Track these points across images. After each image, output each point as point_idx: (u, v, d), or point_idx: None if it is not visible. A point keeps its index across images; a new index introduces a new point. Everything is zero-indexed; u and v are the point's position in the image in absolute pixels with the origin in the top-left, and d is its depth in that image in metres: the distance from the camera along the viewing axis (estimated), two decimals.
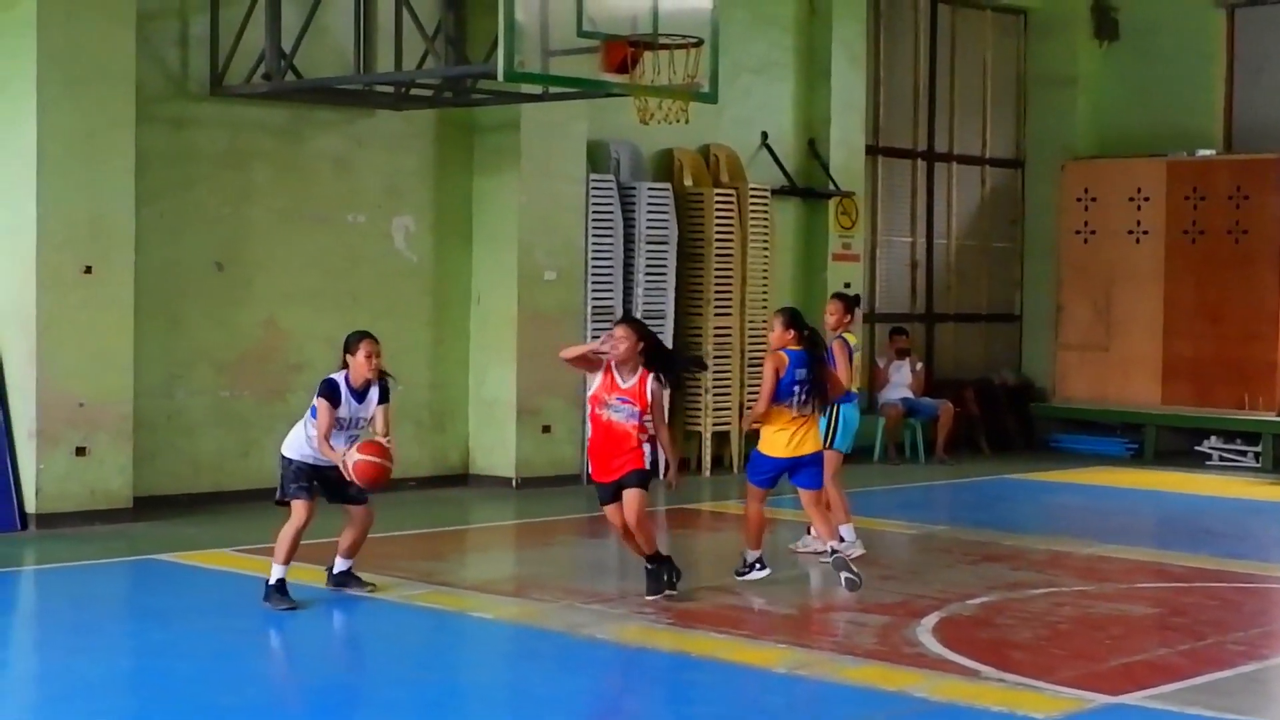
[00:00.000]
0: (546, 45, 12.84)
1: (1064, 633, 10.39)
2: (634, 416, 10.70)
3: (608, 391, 10.78)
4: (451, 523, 14.69)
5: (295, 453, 10.72)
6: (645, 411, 10.72)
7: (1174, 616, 11.03)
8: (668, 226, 17.44)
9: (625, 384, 10.77)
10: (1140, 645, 10.16)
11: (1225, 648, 9.96)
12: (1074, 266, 21.47)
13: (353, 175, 15.73)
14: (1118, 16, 22.14)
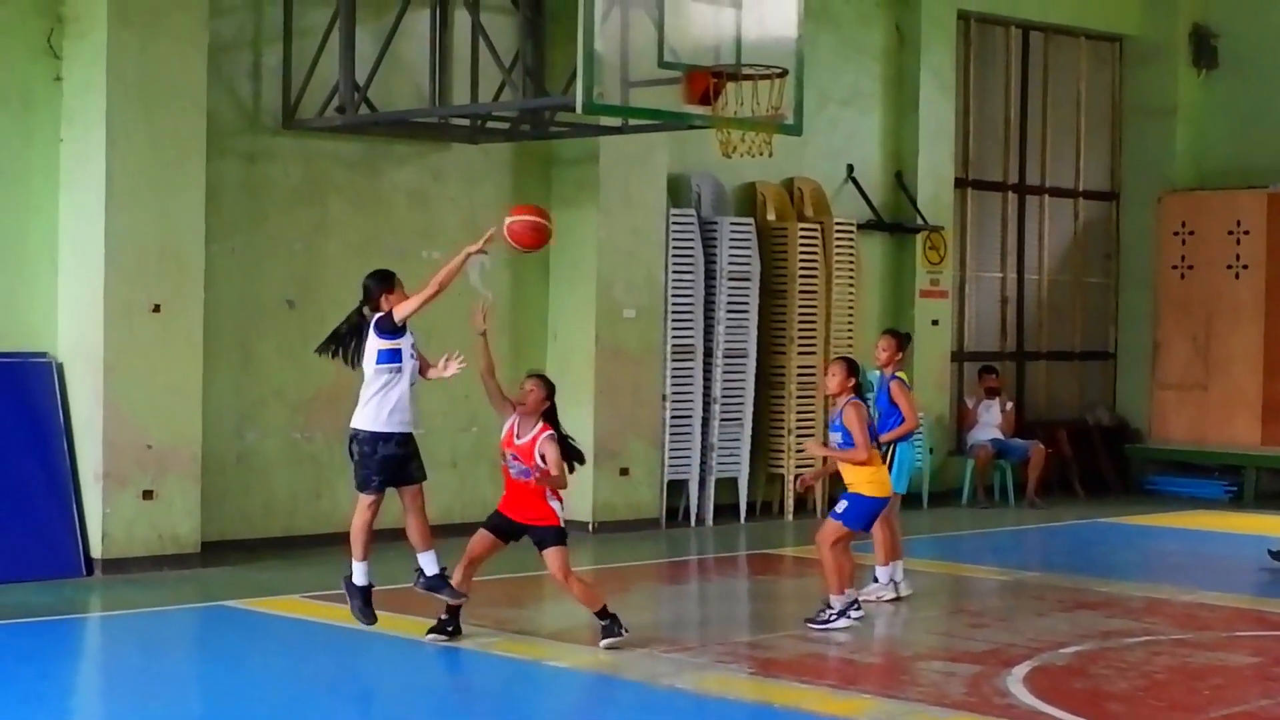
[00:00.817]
0: (626, 76, 12.89)
1: (1161, 683, 10.31)
2: (525, 474, 10.79)
3: (506, 445, 10.93)
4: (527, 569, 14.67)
5: (378, 425, 10.66)
6: (534, 469, 10.76)
7: (1275, 666, 10.93)
8: (750, 262, 17.45)
9: (520, 439, 10.89)
10: (1240, 696, 10.06)
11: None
12: (1171, 302, 21.37)
13: (428, 210, 15.83)
14: (1217, 44, 22.04)
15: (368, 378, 10.73)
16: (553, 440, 10.85)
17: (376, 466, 10.64)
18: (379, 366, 10.67)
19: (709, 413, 17.27)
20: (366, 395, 10.71)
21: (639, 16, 12.91)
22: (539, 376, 11.21)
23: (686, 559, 15.89)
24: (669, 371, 16.88)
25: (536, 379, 11.12)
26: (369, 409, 10.69)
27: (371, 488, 10.69)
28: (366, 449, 10.67)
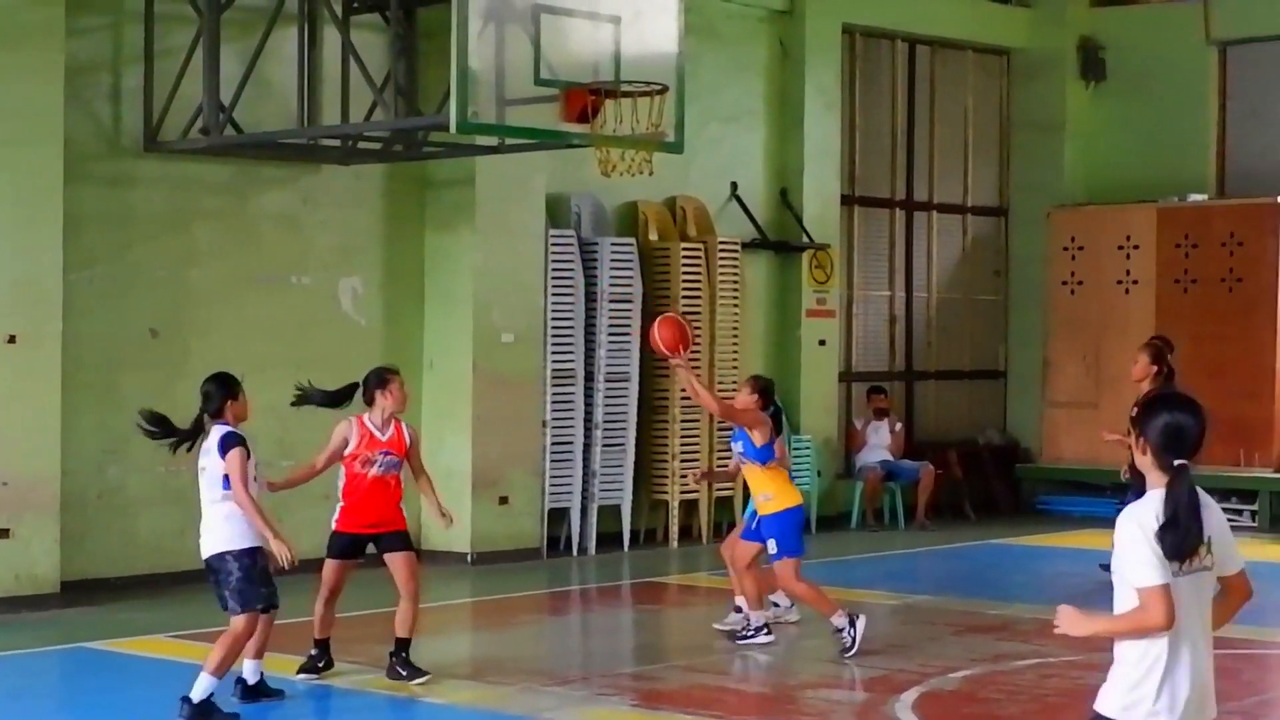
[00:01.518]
0: (502, 94, 12.89)
1: (1053, 706, 10.44)
2: (396, 466, 11.02)
3: (370, 449, 10.98)
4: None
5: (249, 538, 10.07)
6: (404, 457, 11.05)
7: None
8: (632, 283, 17.48)
9: (384, 437, 11.03)
10: None
11: (1220, 718, 9.99)
12: (1061, 319, 21.54)
13: (299, 235, 15.78)
14: (1105, 56, 22.31)
15: (216, 499, 10.05)
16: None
17: (263, 578, 10.15)
18: (225, 491, 10.01)
19: (591, 439, 17.30)
20: (219, 515, 10.05)
21: (514, 33, 12.91)
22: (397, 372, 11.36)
23: (568, 589, 15.91)
24: (549, 397, 16.88)
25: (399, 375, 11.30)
26: (232, 526, 10.03)
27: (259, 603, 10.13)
28: (247, 562, 10.06)
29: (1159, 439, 5.42)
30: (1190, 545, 5.34)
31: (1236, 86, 21.74)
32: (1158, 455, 5.43)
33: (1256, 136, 21.55)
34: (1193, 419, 5.43)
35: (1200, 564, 5.41)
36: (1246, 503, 20.05)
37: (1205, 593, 5.49)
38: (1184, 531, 5.32)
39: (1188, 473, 5.34)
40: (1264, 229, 20.22)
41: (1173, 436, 5.41)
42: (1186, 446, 5.41)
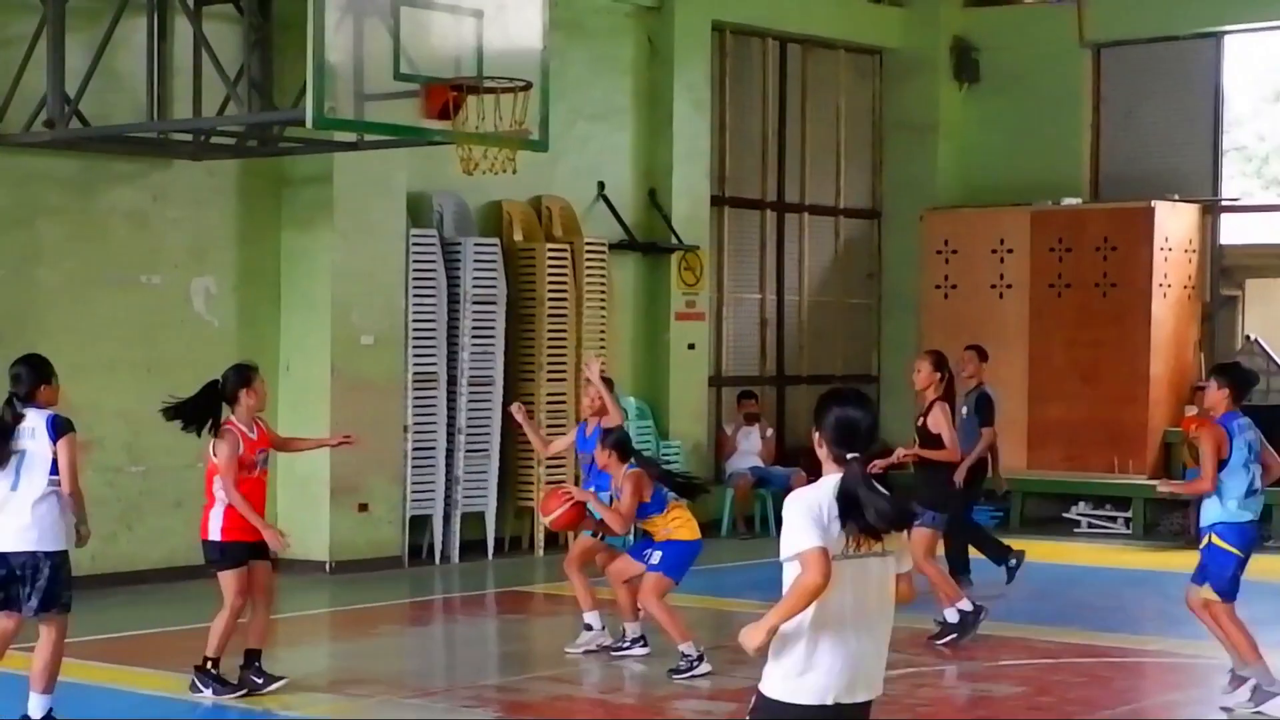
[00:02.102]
0: (361, 89, 12.83)
1: (924, 717, 10.48)
2: (267, 463, 11.04)
3: (250, 451, 10.90)
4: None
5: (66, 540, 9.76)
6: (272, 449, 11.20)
7: (1040, 696, 11.16)
8: (496, 285, 17.43)
9: (254, 435, 10.99)
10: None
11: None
12: (935, 323, 21.62)
13: (150, 232, 15.61)
14: (979, 57, 22.50)
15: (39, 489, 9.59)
16: None
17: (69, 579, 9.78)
18: (54, 478, 9.63)
19: (454, 444, 17.22)
20: (38, 508, 9.55)
21: (374, 26, 12.85)
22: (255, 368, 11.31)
23: (431, 599, 15.85)
24: (410, 401, 16.80)
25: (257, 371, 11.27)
26: (51, 522, 9.59)
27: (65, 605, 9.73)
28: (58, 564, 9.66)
29: (832, 432, 5.90)
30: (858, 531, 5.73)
31: (1110, 89, 21.98)
32: (831, 447, 5.89)
33: (1130, 139, 21.82)
34: (863, 413, 5.92)
35: (870, 551, 5.79)
36: (1121, 509, 20.28)
37: (875, 580, 5.85)
38: (854, 518, 5.71)
39: (858, 464, 5.78)
40: (1137, 233, 20.45)
41: (844, 430, 5.88)
42: (858, 439, 5.86)
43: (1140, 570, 17.38)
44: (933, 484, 13.04)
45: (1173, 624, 14.02)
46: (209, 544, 10.86)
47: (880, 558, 5.83)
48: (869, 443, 5.87)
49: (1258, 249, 21.53)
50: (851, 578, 5.78)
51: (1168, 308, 20.59)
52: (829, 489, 5.80)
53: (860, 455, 5.82)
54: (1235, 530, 10.68)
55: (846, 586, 5.77)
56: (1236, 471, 10.64)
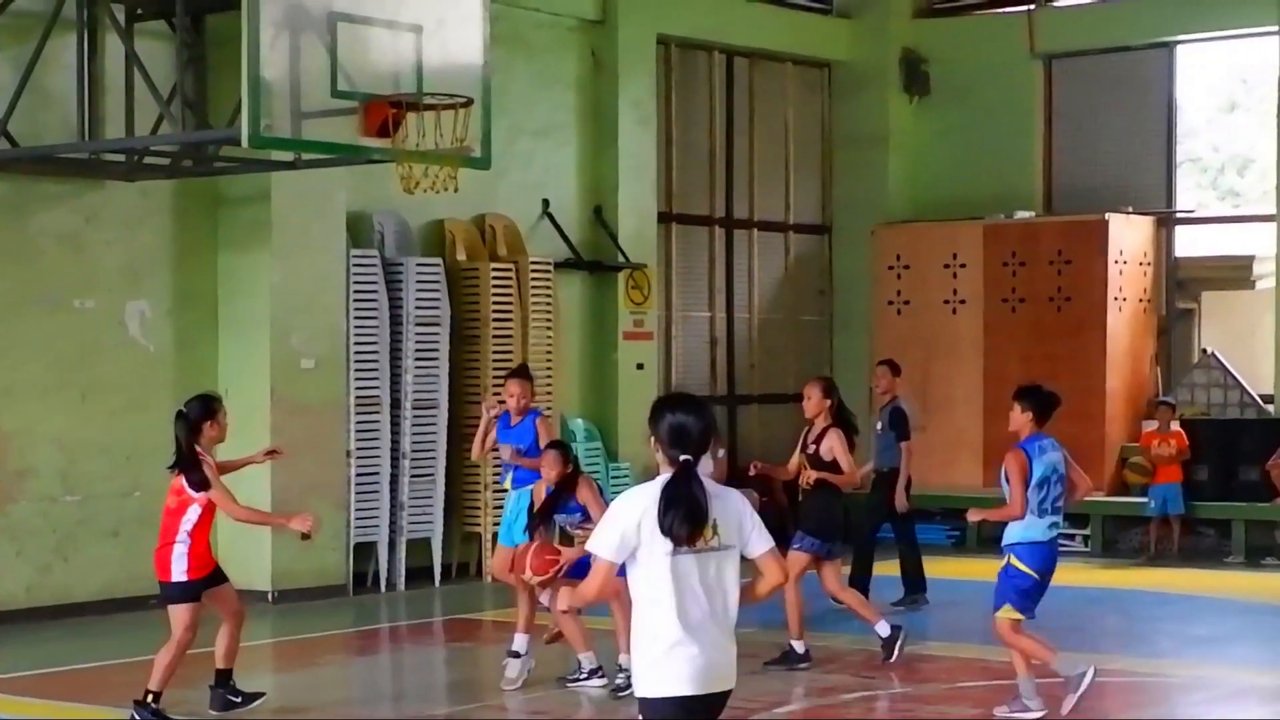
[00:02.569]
0: (298, 106, 12.80)
1: None
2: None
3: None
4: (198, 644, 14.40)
5: None
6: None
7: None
8: (439, 305, 17.37)
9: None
10: None
11: None
12: (888, 340, 21.56)
13: (82, 255, 15.49)
14: (929, 70, 22.56)
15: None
16: None
17: None
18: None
19: (398, 469, 17.14)
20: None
21: (310, 42, 12.83)
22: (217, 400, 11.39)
23: (376, 627, 15.75)
24: (353, 425, 16.73)
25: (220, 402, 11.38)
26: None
27: None
28: None
29: (666, 436, 6.35)
30: (686, 529, 6.18)
31: (1062, 100, 22.08)
32: (665, 449, 6.34)
33: (1083, 151, 21.89)
34: (695, 419, 6.37)
35: (708, 545, 6.26)
36: (1078, 527, 20.26)
37: (717, 572, 6.30)
38: (681, 516, 6.17)
39: (690, 465, 6.25)
40: (1092, 246, 20.50)
41: (677, 434, 6.34)
42: (690, 443, 6.31)
43: (1099, 588, 17.39)
44: (820, 511, 12.94)
45: (1132, 643, 14.07)
46: (172, 585, 10.83)
47: (719, 551, 6.28)
48: (701, 446, 6.33)
49: (1213, 261, 21.63)
50: (688, 571, 6.23)
51: (1123, 321, 20.63)
52: (655, 490, 6.25)
53: (691, 457, 6.28)
54: (1033, 551, 11.07)
55: (686, 580, 6.22)
56: (1034, 493, 11.03)
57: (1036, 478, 11.06)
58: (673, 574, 6.20)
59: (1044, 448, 11.17)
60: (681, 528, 6.17)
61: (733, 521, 6.34)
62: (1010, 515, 11.08)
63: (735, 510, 6.38)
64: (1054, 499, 11.13)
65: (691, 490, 6.21)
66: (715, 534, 6.26)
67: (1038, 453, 11.13)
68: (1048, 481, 11.08)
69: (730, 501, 6.38)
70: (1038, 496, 11.05)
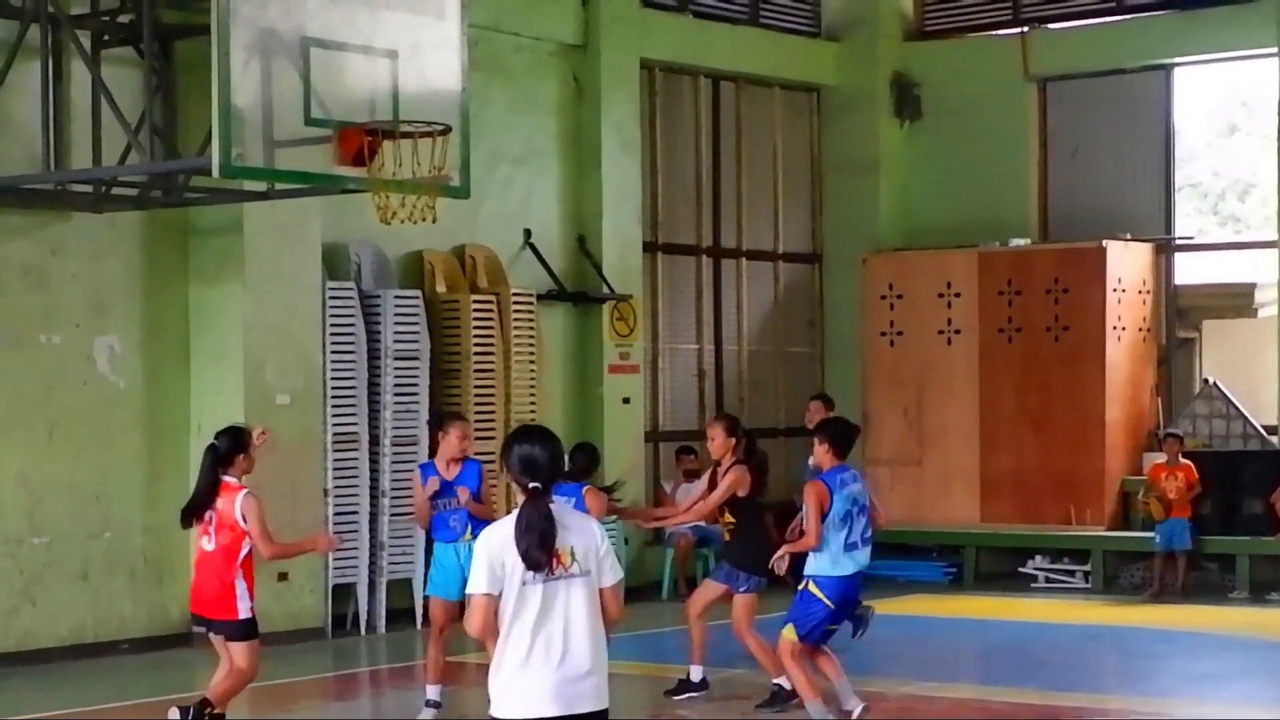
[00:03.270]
0: (270, 135, 12.77)
1: None
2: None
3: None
4: (173, 689, 14.27)
5: None
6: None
7: None
8: (418, 339, 17.32)
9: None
10: None
11: None
12: (880, 371, 21.63)
13: (47, 289, 15.41)
14: (920, 93, 22.56)
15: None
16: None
17: None
18: None
19: (377, 508, 17.04)
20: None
21: (282, 68, 12.80)
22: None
23: (357, 671, 15.66)
24: (330, 463, 16.65)
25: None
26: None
27: None
28: None
29: (517, 466, 6.84)
30: (539, 556, 6.65)
31: (1057, 124, 22.07)
32: (517, 480, 6.83)
33: (1079, 177, 21.88)
34: (543, 450, 6.86)
35: (566, 572, 6.74)
36: (1079, 563, 20.22)
37: (575, 596, 6.76)
38: (535, 541, 6.65)
39: (541, 494, 6.74)
40: (1089, 274, 20.46)
41: (527, 464, 6.82)
42: (540, 472, 6.80)
43: (1100, 626, 17.32)
44: (751, 546, 12.95)
45: (1134, 681, 14.00)
46: (241, 623, 11.05)
47: (578, 577, 6.76)
48: (551, 474, 6.84)
49: (1214, 289, 21.61)
50: (547, 598, 6.71)
51: (1122, 351, 20.58)
52: (512, 520, 6.74)
53: (541, 485, 6.77)
54: (832, 582, 11.62)
55: (542, 606, 6.70)
56: (835, 525, 11.52)
57: (839, 511, 11.50)
58: (531, 599, 6.69)
59: (845, 480, 11.65)
60: (537, 552, 6.64)
61: (590, 550, 6.79)
62: (807, 546, 11.59)
63: (593, 540, 6.84)
64: (860, 531, 11.60)
65: (542, 516, 6.70)
66: (574, 560, 6.75)
67: (839, 485, 11.58)
68: (850, 514, 11.54)
69: (589, 530, 6.87)
70: (842, 530, 11.50)
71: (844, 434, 12.02)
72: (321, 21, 13.06)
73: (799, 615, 11.67)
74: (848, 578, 11.62)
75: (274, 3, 12.79)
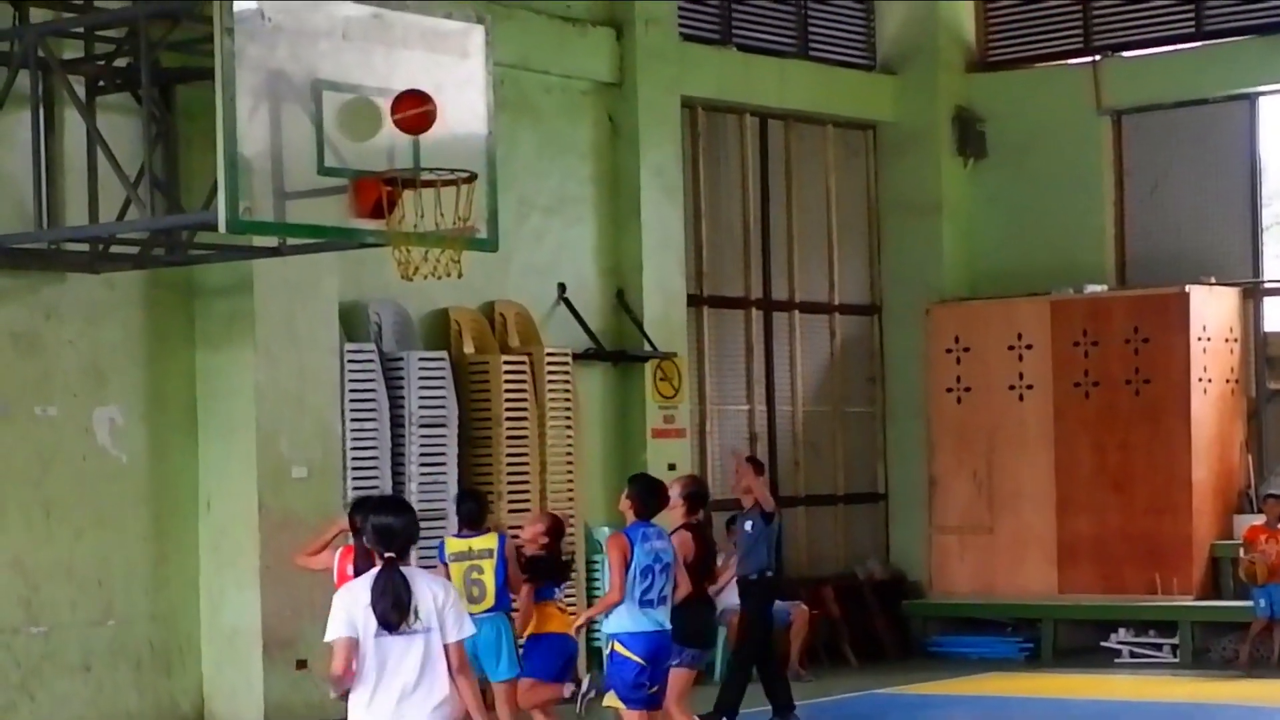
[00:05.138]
0: (281, 186, 12.74)
1: None
2: None
3: None
4: None
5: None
6: None
7: None
8: (445, 404, 17.26)
9: None
10: None
11: None
12: (947, 431, 21.57)
13: (41, 356, 15.32)
14: (984, 129, 22.52)
15: None
16: None
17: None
18: None
19: None
20: None
21: (293, 114, 12.77)
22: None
23: None
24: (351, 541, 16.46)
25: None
26: None
27: None
28: None
29: (373, 536, 8.35)
30: (392, 616, 8.11)
31: (1134, 160, 22.02)
32: (374, 546, 8.33)
33: (1158, 216, 21.79)
34: (397, 519, 8.37)
35: (411, 629, 8.16)
36: (1166, 635, 20.04)
37: (418, 650, 8.18)
38: (389, 604, 8.11)
39: (394, 561, 8.19)
40: (1171, 322, 20.40)
41: (382, 534, 8.31)
42: (395, 540, 8.27)
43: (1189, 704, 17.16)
44: (690, 616, 13.04)
45: None
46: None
47: (424, 633, 8.19)
48: (405, 543, 8.28)
49: None
50: (399, 652, 8.16)
51: (1209, 404, 20.47)
52: (368, 582, 8.18)
53: (395, 554, 8.20)
54: (637, 639, 12.09)
55: (391, 658, 8.16)
56: (635, 579, 12.06)
57: (640, 563, 12.05)
58: (379, 653, 8.14)
59: (648, 535, 12.25)
60: (391, 614, 8.09)
61: (431, 607, 8.19)
62: (610, 602, 12.16)
63: (437, 597, 8.24)
64: (659, 589, 12.14)
65: (396, 582, 8.15)
66: (417, 618, 8.15)
67: (640, 539, 12.16)
68: (651, 570, 12.08)
69: (433, 589, 8.27)
70: (641, 585, 12.03)
71: (650, 496, 12.53)
72: (334, 62, 13.01)
73: (614, 681, 12.13)
74: (654, 634, 12.05)
75: (283, 43, 12.74)
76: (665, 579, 12.08)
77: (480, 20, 14.03)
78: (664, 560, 12.12)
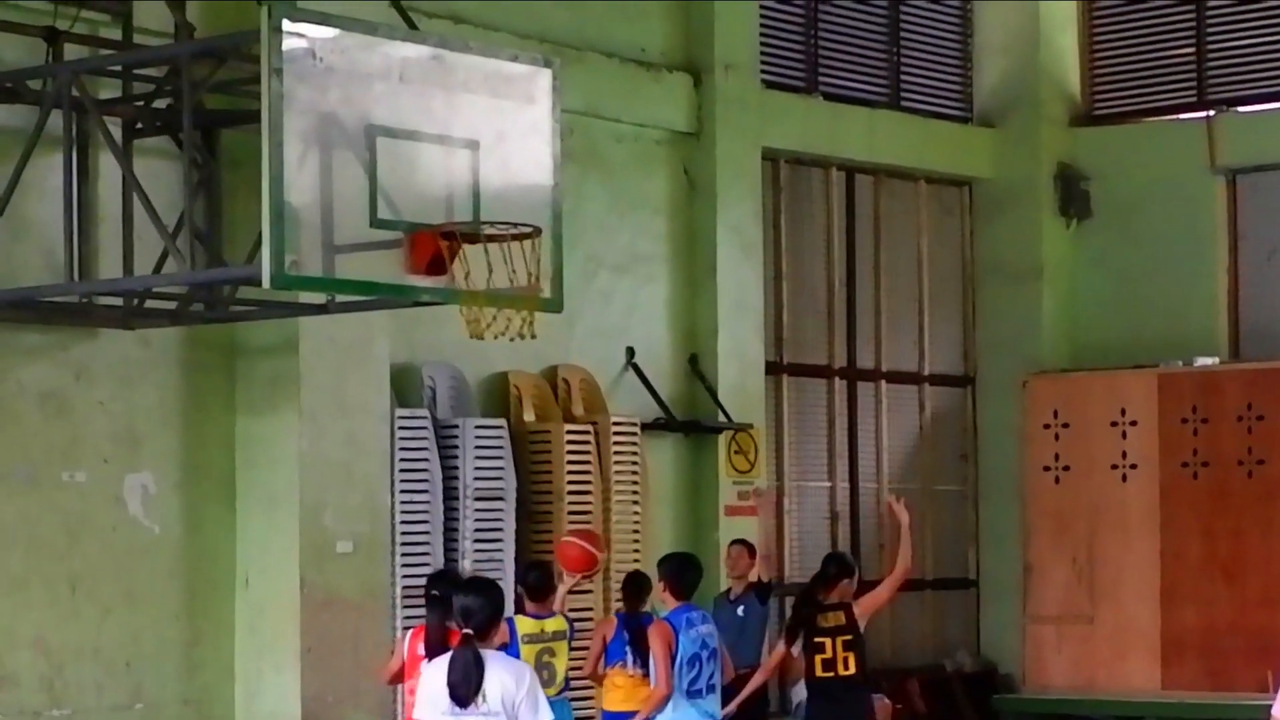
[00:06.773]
0: (330, 239, 12.70)
1: None
2: None
3: None
4: None
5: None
6: None
7: None
8: (503, 476, 17.22)
9: None
10: None
11: None
12: (1044, 513, 21.52)
13: (70, 418, 15.28)
14: (1089, 187, 22.55)
15: None
16: None
17: None
18: None
19: None
20: None
21: (345, 161, 12.72)
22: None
23: None
24: (400, 620, 16.43)
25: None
26: None
27: None
28: None
29: (458, 613, 9.36)
30: (463, 693, 9.08)
31: (1250, 223, 22.05)
32: (456, 623, 9.47)
33: (1276, 285, 21.82)
34: (476, 600, 9.34)
35: (478, 710, 9.09)
36: None
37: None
38: (459, 678, 9.11)
39: (471, 639, 9.17)
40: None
41: (461, 613, 9.33)
42: (472, 619, 9.24)
43: None
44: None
45: None
46: None
47: (489, 716, 9.09)
48: (483, 622, 9.25)
49: None
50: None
51: None
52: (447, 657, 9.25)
53: (472, 631, 9.18)
54: None
55: None
56: (682, 670, 12.30)
57: (686, 652, 12.27)
58: None
59: (692, 620, 12.45)
60: (460, 688, 9.06)
61: (498, 693, 9.10)
62: (659, 697, 12.36)
63: (506, 686, 9.15)
64: (707, 677, 12.35)
65: (468, 660, 9.14)
66: (485, 700, 9.05)
67: (685, 625, 12.36)
68: (699, 657, 12.30)
69: (507, 674, 9.21)
70: (688, 675, 12.24)
71: (682, 571, 12.82)
72: (390, 107, 12.96)
73: None
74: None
75: (334, 86, 12.68)
76: (714, 666, 12.16)
77: (548, 64, 13.98)
78: (710, 646, 12.33)
